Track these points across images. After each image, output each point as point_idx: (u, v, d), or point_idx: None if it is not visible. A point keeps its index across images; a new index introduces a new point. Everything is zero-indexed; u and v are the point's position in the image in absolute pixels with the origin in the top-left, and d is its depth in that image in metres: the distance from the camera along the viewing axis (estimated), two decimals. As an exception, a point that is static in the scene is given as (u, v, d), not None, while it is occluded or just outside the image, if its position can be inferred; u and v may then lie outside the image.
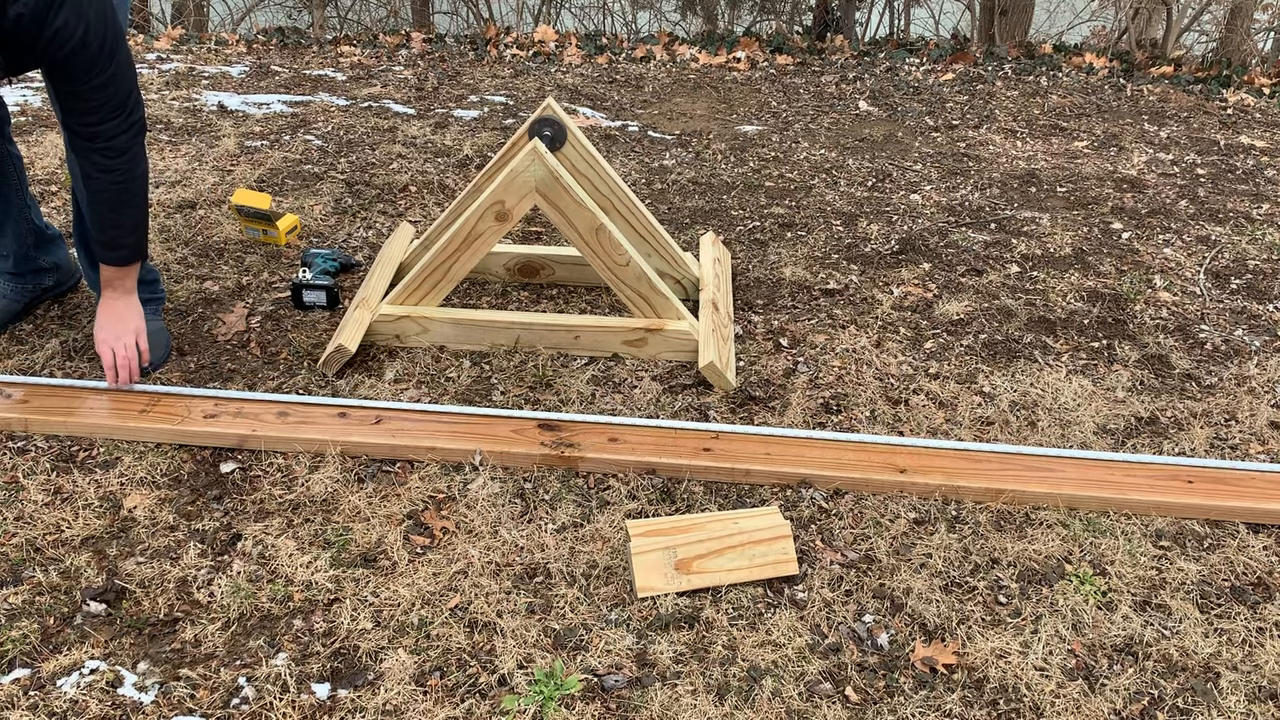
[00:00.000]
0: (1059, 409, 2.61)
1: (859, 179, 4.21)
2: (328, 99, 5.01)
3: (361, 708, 1.71)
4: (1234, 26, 7.29)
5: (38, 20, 1.99)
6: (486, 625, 1.89)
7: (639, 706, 1.74)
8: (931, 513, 2.22)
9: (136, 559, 2.01)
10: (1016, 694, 1.80)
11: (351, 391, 2.55)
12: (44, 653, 1.79)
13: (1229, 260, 3.51)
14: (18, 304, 2.74)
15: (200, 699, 1.72)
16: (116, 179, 2.27)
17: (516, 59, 6.21)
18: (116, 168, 2.25)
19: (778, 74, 6.06)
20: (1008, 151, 4.63)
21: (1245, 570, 2.10)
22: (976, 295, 3.19)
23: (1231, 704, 1.79)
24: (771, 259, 3.39)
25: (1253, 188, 4.22)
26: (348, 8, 10.28)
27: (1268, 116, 5.36)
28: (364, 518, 2.14)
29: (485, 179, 2.90)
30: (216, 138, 4.27)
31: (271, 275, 3.12)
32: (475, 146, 4.37)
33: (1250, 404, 2.67)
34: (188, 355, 2.68)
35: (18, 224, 2.68)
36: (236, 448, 2.32)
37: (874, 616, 1.95)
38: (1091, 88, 5.82)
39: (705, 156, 4.44)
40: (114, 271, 2.41)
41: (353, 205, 3.68)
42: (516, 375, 2.64)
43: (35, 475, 2.22)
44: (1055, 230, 3.68)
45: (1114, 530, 2.18)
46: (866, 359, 2.80)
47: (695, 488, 2.27)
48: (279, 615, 1.90)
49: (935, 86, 5.79)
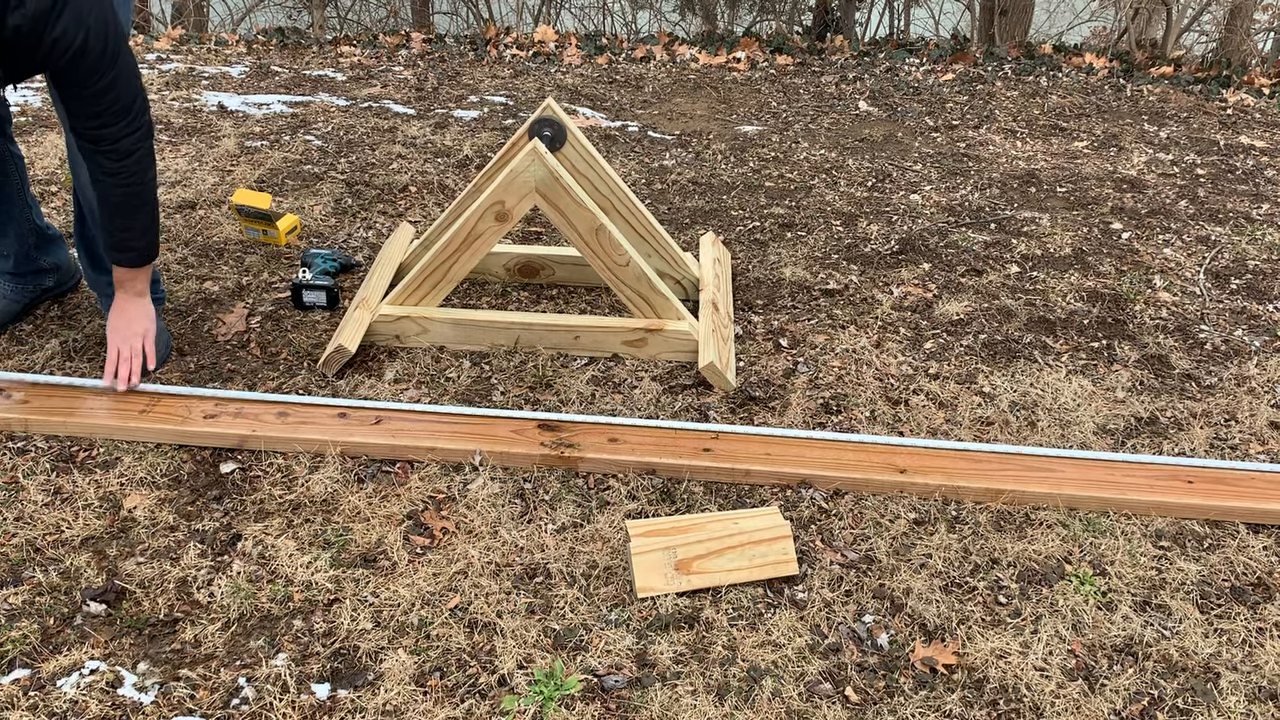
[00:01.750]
0: (1059, 409, 2.61)
1: (859, 179, 4.21)
2: (328, 99, 5.01)
3: (361, 708, 1.71)
4: (1234, 27, 7.29)
5: (37, 30, 1.99)
6: (486, 625, 1.89)
7: (639, 707, 1.74)
8: (931, 513, 2.22)
9: (136, 559, 2.01)
10: (1016, 694, 1.80)
11: (351, 392, 2.55)
12: (44, 653, 1.79)
13: (1229, 260, 3.51)
14: (18, 304, 2.74)
15: (200, 699, 1.72)
16: (123, 181, 2.27)
17: (516, 59, 6.21)
18: (123, 170, 2.25)
19: (778, 74, 6.06)
20: (1007, 152, 4.63)
21: (1245, 570, 2.10)
22: (976, 295, 3.19)
23: (1231, 704, 1.79)
24: (771, 259, 3.39)
25: (1253, 188, 4.22)
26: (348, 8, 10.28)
27: (1268, 117, 5.36)
28: (364, 518, 2.14)
29: (485, 179, 2.90)
30: (216, 138, 4.27)
31: (271, 275, 3.12)
32: (475, 147, 4.37)
33: (1250, 404, 2.67)
34: (188, 355, 2.68)
35: (19, 224, 2.68)
36: (236, 448, 2.32)
37: (874, 617, 1.95)
38: (1091, 88, 5.82)
39: (705, 157, 4.44)
40: (124, 273, 2.41)
41: (353, 205, 3.68)
42: (516, 375, 2.64)
43: (35, 475, 2.22)
44: (1055, 230, 3.68)
45: (1114, 530, 2.18)
46: (866, 359, 2.80)
47: (695, 488, 2.27)
48: (279, 615, 1.90)
49: (935, 87, 5.79)
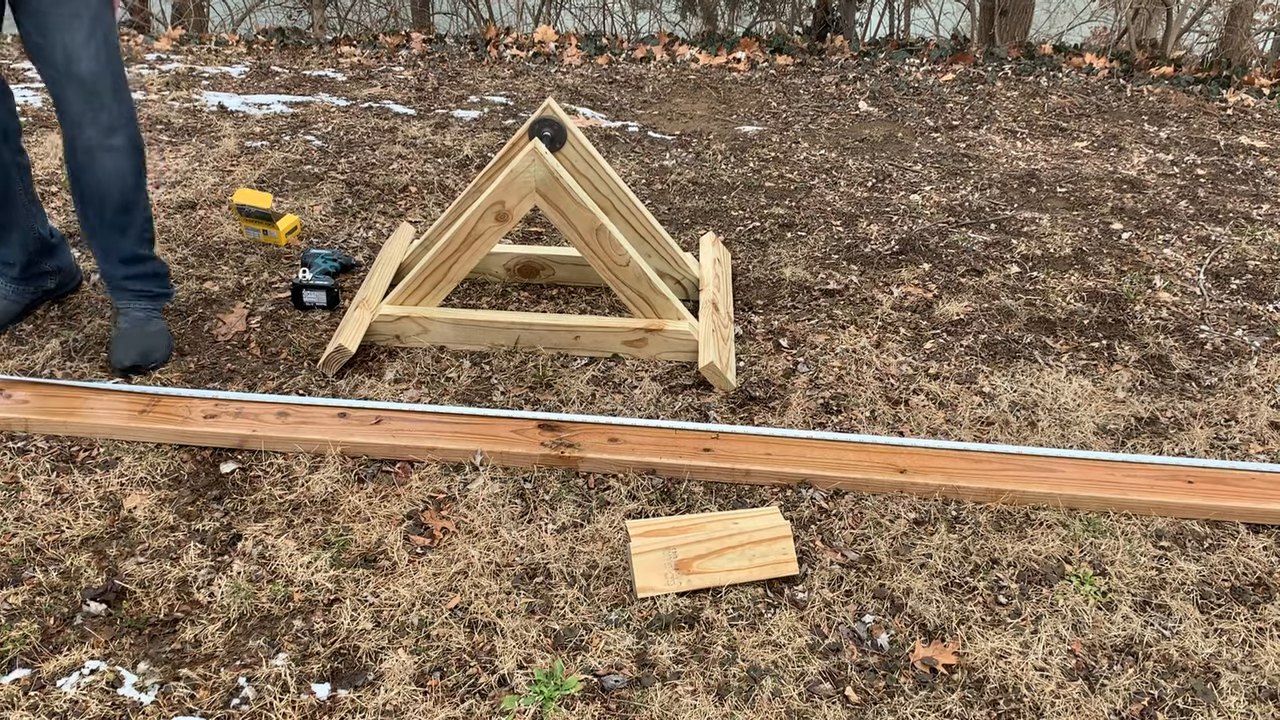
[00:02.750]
0: (1059, 409, 2.61)
1: (859, 179, 4.21)
2: (328, 99, 5.01)
3: (361, 708, 1.71)
4: (1234, 27, 7.29)
5: None
6: (486, 625, 1.89)
7: (639, 707, 1.74)
8: (931, 513, 2.22)
9: (136, 559, 2.01)
10: (1016, 694, 1.80)
11: (351, 392, 2.55)
12: (44, 653, 1.79)
13: (1229, 260, 3.51)
14: (18, 305, 2.74)
15: (200, 699, 1.72)
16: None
17: (516, 59, 6.21)
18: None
19: (778, 74, 6.06)
20: (1008, 152, 4.63)
21: (1245, 570, 2.10)
22: (976, 295, 3.19)
23: (1231, 704, 1.79)
24: (771, 259, 3.39)
25: (1253, 188, 4.22)
26: (348, 8, 10.28)
27: (1268, 117, 5.36)
28: (364, 518, 2.14)
29: (485, 179, 2.90)
30: (216, 138, 4.27)
31: (271, 275, 3.12)
32: (475, 147, 4.37)
33: (1250, 404, 2.67)
34: (188, 355, 2.68)
35: (24, 234, 2.68)
36: (236, 448, 2.32)
37: (874, 616, 1.95)
38: (1091, 88, 5.82)
39: (705, 157, 4.44)
40: None
41: (353, 205, 3.68)
42: (516, 375, 2.64)
43: (35, 475, 2.22)
44: (1055, 230, 3.68)
45: (1114, 530, 2.18)
46: (866, 359, 2.80)
47: (695, 488, 2.27)
48: (279, 615, 1.90)
49: (935, 87, 5.79)
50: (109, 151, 2.43)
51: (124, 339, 2.58)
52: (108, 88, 2.37)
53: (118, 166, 2.46)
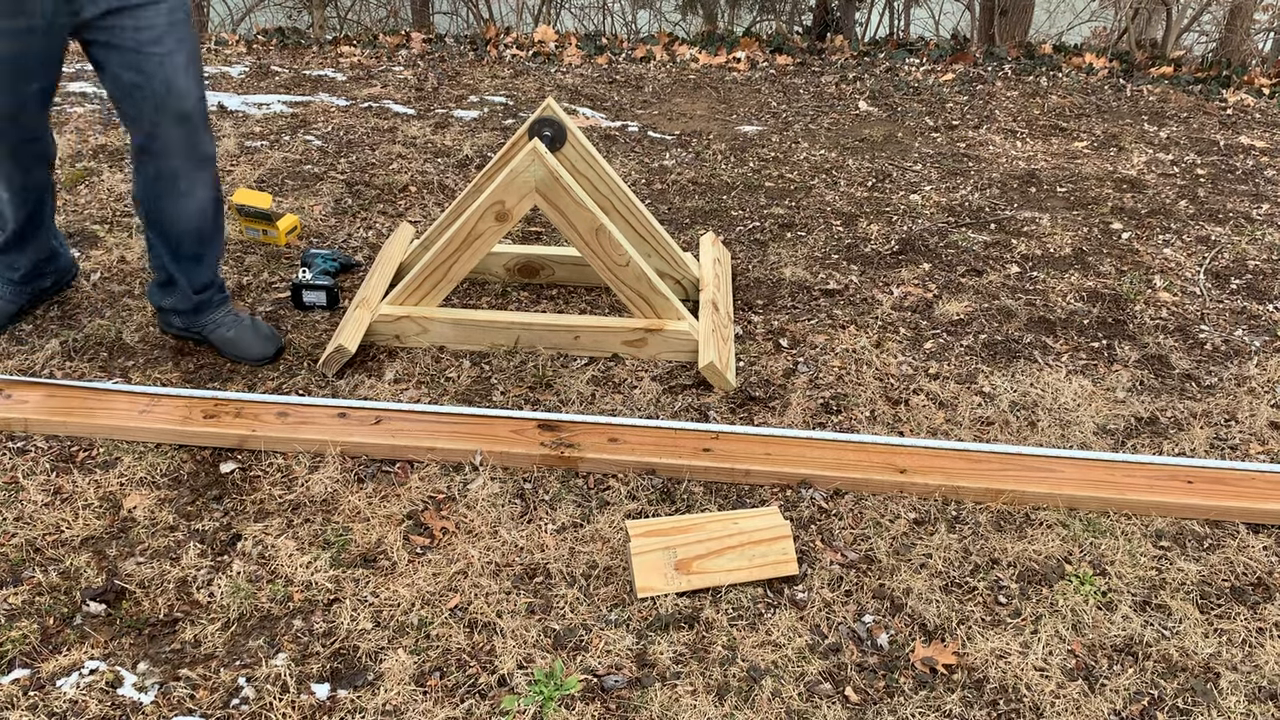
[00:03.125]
0: (1059, 409, 2.61)
1: (859, 179, 4.21)
2: (328, 99, 5.01)
3: (361, 708, 1.71)
4: (1234, 27, 7.29)
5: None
6: (486, 625, 1.89)
7: (639, 707, 1.74)
8: (931, 513, 2.22)
9: (136, 559, 2.01)
10: (1016, 694, 1.80)
11: (351, 392, 2.55)
12: (44, 653, 1.79)
13: (1229, 260, 3.51)
14: (14, 306, 2.75)
15: (200, 699, 1.72)
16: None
17: (516, 59, 6.21)
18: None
19: (778, 74, 6.06)
20: (1007, 152, 4.63)
21: (1245, 570, 2.10)
22: (976, 295, 3.19)
23: (1231, 704, 1.79)
24: (771, 259, 3.39)
25: (1253, 188, 4.22)
26: (348, 8, 10.28)
27: (1267, 117, 5.36)
28: (364, 518, 2.14)
29: (485, 179, 2.90)
30: (216, 138, 4.27)
31: (271, 275, 3.12)
32: (475, 147, 4.37)
33: (1250, 404, 2.67)
34: (188, 355, 2.68)
35: (38, 247, 2.73)
36: (236, 448, 2.32)
37: (874, 617, 1.95)
38: (1091, 88, 5.82)
39: (705, 156, 4.44)
40: None
41: (353, 205, 3.68)
42: (516, 375, 2.64)
43: (35, 475, 2.22)
44: (1055, 230, 3.68)
45: (1114, 530, 2.18)
46: (866, 359, 2.80)
47: (695, 488, 2.27)
48: (279, 615, 1.90)
49: (935, 87, 5.79)
50: (200, 184, 2.44)
51: (242, 340, 2.63)
52: (202, 120, 2.38)
53: (205, 198, 2.47)
